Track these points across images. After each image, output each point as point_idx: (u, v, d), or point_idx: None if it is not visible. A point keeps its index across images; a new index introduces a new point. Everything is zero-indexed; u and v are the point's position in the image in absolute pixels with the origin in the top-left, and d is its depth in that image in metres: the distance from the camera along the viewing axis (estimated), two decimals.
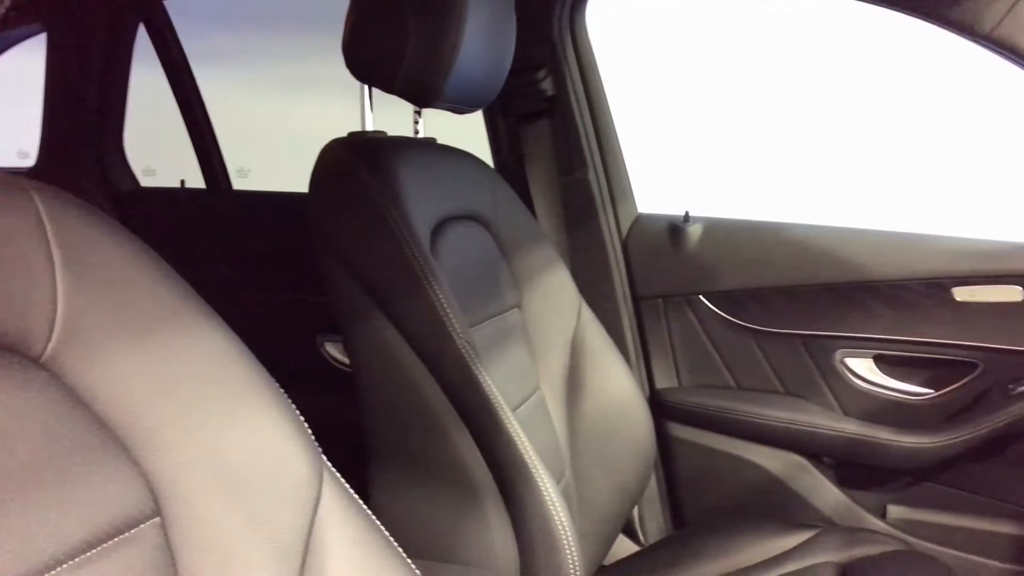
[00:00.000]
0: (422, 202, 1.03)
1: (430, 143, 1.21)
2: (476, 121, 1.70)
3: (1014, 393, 1.36)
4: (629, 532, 1.59)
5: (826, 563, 1.21)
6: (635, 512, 1.59)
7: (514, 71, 1.19)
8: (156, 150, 2.47)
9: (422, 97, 1.06)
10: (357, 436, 1.08)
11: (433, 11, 1.01)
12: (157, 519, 0.44)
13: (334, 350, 1.86)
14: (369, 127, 1.12)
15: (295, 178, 1.77)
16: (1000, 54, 1.24)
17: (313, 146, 1.07)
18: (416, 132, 1.22)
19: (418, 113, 1.21)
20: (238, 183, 2.15)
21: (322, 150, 1.05)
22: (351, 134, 1.09)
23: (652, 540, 1.59)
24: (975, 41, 1.24)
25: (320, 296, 1.16)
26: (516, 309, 1.23)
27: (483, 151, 1.67)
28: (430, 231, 1.04)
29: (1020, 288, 1.35)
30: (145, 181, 2.26)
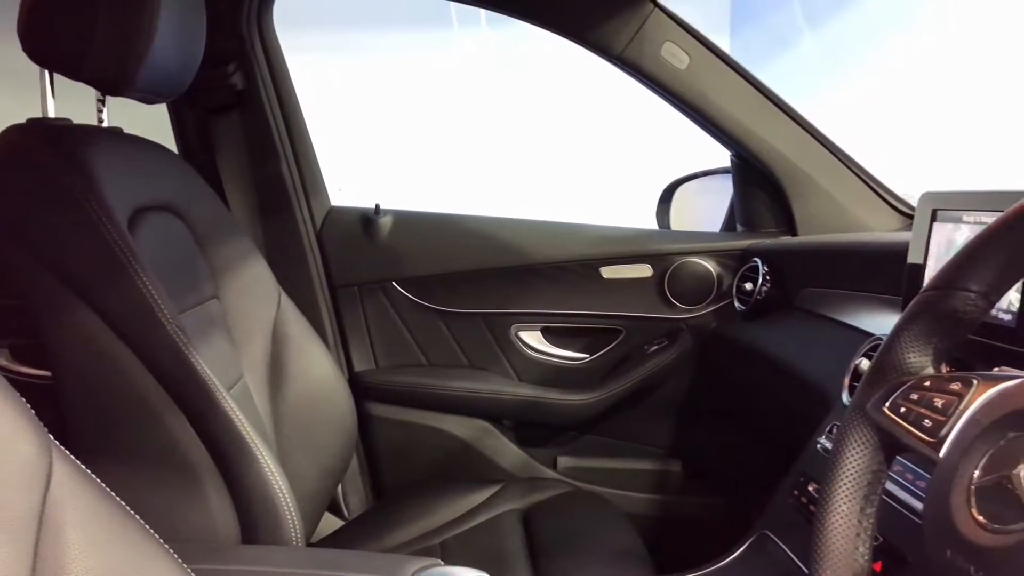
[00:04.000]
0: (116, 190, 0.99)
1: (118, 132, 1.17)
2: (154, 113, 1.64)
3: (648, 352, 1.66)
4: (333, 509, 1.65)
5: (511, 510, 1.41)
6: (339, 489, 1.66)
7: (203, 64, 1.18)
8: None
9: (112, 85, 1.02)
10: None
11: None
12: None
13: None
14: (51, 114, 1.06)
15: None
16: (628, 73, 1.52)
17: None
18: (100, 121, 1.17)
19: (101, 102, 1.16)
20: None
21: None
22: (30, 121, 1.02)
23: (355, 514, 1.67)
24: (609, 60, 1.51)
25: None
26: (215, 300, 1.23)
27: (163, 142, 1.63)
28: (126, 220, 1.01)
29: (649, 266, 1.66)
30: None
